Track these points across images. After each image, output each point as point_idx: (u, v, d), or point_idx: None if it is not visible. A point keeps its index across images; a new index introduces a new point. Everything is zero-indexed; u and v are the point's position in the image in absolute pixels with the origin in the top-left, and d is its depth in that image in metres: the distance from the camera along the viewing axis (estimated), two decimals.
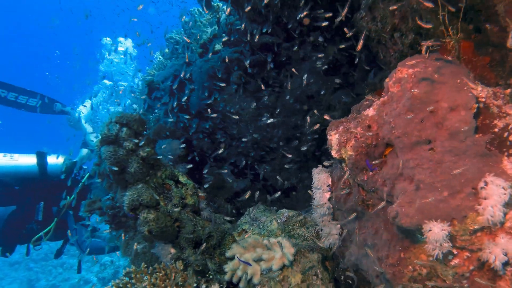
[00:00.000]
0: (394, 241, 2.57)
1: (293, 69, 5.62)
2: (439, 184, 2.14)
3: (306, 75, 5.30)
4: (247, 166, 6.63)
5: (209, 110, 6.25)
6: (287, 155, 5.02)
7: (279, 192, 5.23)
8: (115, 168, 3.45)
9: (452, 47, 2.35)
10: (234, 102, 6.40)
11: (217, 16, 8.68)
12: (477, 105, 2.11)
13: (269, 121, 4.74)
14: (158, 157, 3.69)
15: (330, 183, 2.93)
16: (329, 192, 2.94)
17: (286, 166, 5.90)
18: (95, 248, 7.27)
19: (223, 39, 7.30)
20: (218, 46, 7.82)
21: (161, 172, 3.72)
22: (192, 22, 8.67)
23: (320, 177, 2.94)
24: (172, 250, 3.68)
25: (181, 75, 6.65)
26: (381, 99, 2.39)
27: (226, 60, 5.92)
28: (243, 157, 6.64)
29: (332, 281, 3.33)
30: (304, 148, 5.57)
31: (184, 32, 9.04)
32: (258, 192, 5.94)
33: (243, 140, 6.14)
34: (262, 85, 5.81)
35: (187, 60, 6.63)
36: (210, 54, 7.30)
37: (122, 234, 5.04)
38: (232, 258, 3.60)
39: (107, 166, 5.06)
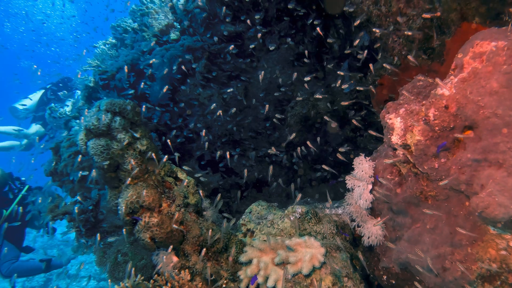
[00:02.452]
0: (459, 235, 2.33)
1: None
2: None
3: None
4: (215, 159, 6.24)
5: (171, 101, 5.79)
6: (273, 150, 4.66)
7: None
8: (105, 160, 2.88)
9: None
10: (200, 93, 5.96)
11: (171, 2, 8.07)
12: None
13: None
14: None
15: (373, 173, 2.63)
16: (371, 184, 2.64)
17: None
18: (25, 269, 6.35)
19: (183, 27, 6.81)
20: (174, 35, 7.28)
21: (160, 168, 3.19)
22: (143, 9, 8.00)
23: (363, 167, 2.62)
24: (175, 258, 3.18)
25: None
26: (458, 76, 2.12)
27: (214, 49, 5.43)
28: (210, 150, 6.22)
29: (363, 282, 3.05)
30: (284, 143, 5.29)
31: (133, 20, 8.35)
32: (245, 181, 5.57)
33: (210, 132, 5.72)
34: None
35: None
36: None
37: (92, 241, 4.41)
38: (247, 263, 3.18)
39: (65, 165, 4.39)
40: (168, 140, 3.81)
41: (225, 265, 3.30)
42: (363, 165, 2.64)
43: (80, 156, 3.73)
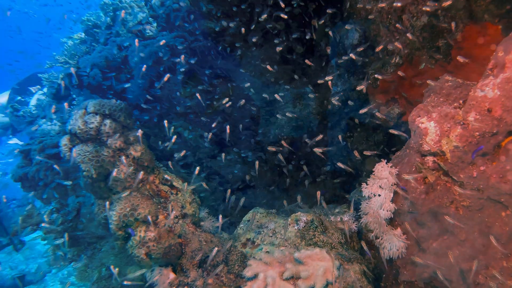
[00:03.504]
0: (493, 248, 2.16)
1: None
2: None
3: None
4: (199, 161, 5.95)
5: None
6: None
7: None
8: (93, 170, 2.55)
9: None
10: (181, 92, 5.66)
11: None
12: None
13: None
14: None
15: (396, 181, 2.43)
16: (394, 193, 2.44)
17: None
18: None
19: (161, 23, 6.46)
20: (150, 32, 6.93)
21: (154, 176, 2.88)
22: (116, 3, 7.56)
23: (385, 174, 2.42)
24: (172, 275, 2.88)
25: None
26: (500, 76, 1.93)
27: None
28: (193, 152, 5.93)
29: None
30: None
31: (104, 15, 7.89)
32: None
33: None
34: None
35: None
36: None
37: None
38: (251, 278, 2.92)
39: (37, 170, 4.04)
40: (167, 141, 3.47)
41: (226, 280, 3.03)
42: (383, 172, 2.43)
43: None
